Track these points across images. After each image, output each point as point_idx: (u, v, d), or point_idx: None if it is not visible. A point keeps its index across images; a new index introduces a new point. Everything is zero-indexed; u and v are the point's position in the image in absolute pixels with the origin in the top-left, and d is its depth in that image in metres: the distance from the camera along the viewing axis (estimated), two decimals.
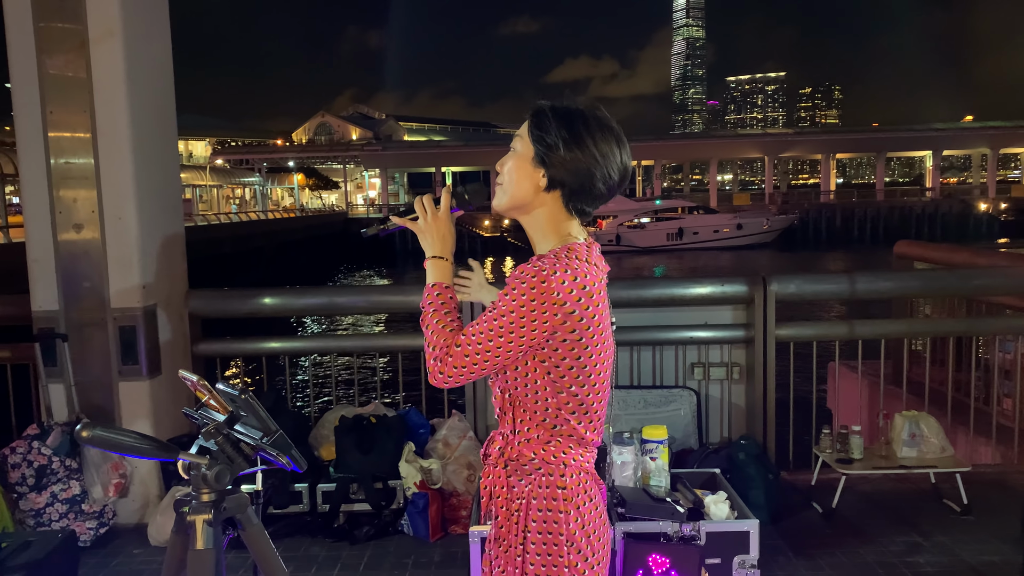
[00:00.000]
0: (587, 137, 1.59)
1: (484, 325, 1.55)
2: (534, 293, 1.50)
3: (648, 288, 4.58)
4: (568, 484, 1.58)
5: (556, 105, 1.62)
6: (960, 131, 63.93)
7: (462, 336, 1.58)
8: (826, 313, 17.71)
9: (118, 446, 1.43)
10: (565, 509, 1.57)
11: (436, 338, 1.61)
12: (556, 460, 1.59)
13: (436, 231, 1.72)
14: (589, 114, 1.61)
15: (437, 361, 1.59)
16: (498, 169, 1.69)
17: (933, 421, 4.17)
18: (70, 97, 3.86)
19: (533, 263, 1.54)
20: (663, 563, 2.74)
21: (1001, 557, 3.54)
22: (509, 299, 1.53)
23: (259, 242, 35.86)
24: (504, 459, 1.64)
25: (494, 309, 1.54)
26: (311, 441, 4.28)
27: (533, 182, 1.62)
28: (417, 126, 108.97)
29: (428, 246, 1.73)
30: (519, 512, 1.60)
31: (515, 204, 1.66)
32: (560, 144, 1.58)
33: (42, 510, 3.73)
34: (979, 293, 5.16)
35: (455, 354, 1.57)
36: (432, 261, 1.72)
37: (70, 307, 3.98)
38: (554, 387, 1.58)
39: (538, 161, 1.61)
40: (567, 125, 1.59)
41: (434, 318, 1.64)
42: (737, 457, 3.97)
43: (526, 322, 1.52)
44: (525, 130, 1.64)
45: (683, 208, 47.81)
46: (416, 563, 3.62)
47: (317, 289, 5.11)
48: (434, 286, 1.69)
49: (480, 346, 1.55)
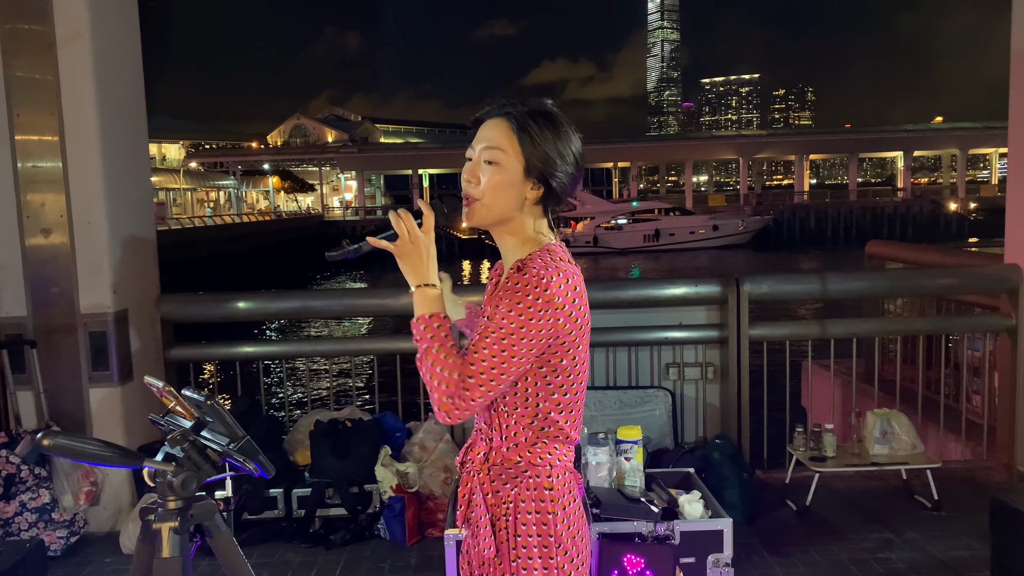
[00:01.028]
0: (567, 133, 1.55)
1: (493, 344, 1.46)
2: (539, 303, 1.46)
3: (623, 289, 4.61)
4: (555, 485, 1.56)
5: (534, 109, 1.55)
6: (930, 132, 64.85)
7: (471, 365, 1.47)
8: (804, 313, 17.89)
9: (81, 454, 1.41)
10: (553, 511, 1.55)
11: (445, 373, 1.48)
12: (543, 462, 1.57)
13: (419, 253, 1.54)
14: (557, 113, 1.57)
15: (453, 397, 1.47)
16: (470, 180, 1.57)
17: (904, 419, 4.23)
18: (37, 100, 3.81)
19: (529, 271, 1.48)
20: (638, 563, 2.76)
21: (970, 552, 3.59)
22: (514, 312, 1.46)
23: (234, 246, 35.56)
24: (488, 464, 1.60)
25: (498, 324, 1.47)
26: (286, 446, 4.25)
27: (522, 195, 1.56)
28: (393, 128, 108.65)
29: (411, 271, 1.55)
30: (507, 517, 1.57)
31: (500, 219, 1.58)
32: (556, 152, 1.54)
33: (11, 519, 3.67)
34: (948, 292, 5.24)
35: (471, 385, 1.47)
36: (420, 291, 1.55)
37: (38, 313, 3.93)
38: (547, 390, 1.55)
39: (532, 172, 1.54)
40: (549, 126, 1.54)
41: (439, 353, 1.50)
42: (712, 456, 4.00)
43: (534, 332, 1.47)
44: (503, 141, 1.54)
45: (660, 210, 48.09)
46: (393, 567, 3.61)
47: (291, 293, 5.08)
48: (431, 317, 1.53)
49: (495, 370, 1.47)
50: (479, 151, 1.57)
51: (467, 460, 1.66)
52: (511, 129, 1.53)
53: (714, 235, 45.82)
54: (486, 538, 1.58)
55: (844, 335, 4.81)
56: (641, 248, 44.47)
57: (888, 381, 5.28)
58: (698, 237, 45.57)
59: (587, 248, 42.91)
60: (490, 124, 1.57)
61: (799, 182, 63.61)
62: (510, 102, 1.57)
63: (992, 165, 71.82)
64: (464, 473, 1.66)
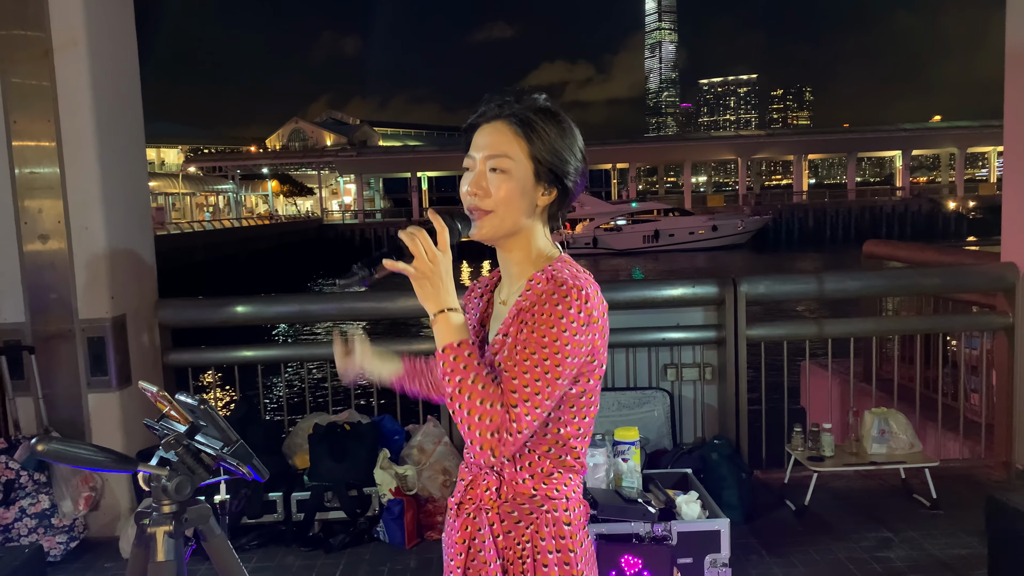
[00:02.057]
0: (574, 132, 1.46)
1: (535, 367, 1.34)
2: (581, 317, 1.35)
3: (620, 291, 4.61)
4: (572, 519, 1.45)
5: (534, 107, 1.44)
6: (929, 131, 64.87)
7: (513, 393, 1.33)
8: (804, 312, 17.90)
9: (75, 459, 1.41)
10: (572, 547, 1.43)
11: (487, 406, 1.33)
12: (559, 494, 1.44)
13: (439, 275, 1.38)
14: (561, 112, 1.47)
15: (498, 432, 1.33)
16: (476, 193, 1.43)
17: (902, 417, 4.24)
18: (34, 106, 3.82)
19: (566, 283, 1.36)
20: (635, 564, 2.76)
21: (969, 550, 3.60)
22: (556, 329, 1.34)
23: (233, 250, 35.59)
24: (499, 502, 1.45)
25: (539, 342, 1.34)
26: (285, 450, 4.25)
27: (533, 202, 1.45)
28: (392, 131, 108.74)
29: (431, 296, 1.39)
30: (523, 560, 1.43)
31: (512, 231, 1.46)
32: (566, 150, 1.44)
33: (10, 525, 3.67)
34: (945, 291, 5.24)
35: (517, 416, 1.33)
36: (442, 316, 1.38)
37: (37, 319, 3.93)
38: (570, 413, 1.43)
39: (542, 176, 1.43)
40: (554, 125, 1.44)
41: (476, 384, 1.34)
42: (710, 457, 4.01)
43: (576, 348, 1.36)
44: (509, 147, 1.42)
45: (659, 210, 48.12)
46: (392, 570, 3.61)
47: (289, 297, 5.09)
48: (460, 345, 1.37)
49: (540, 395, 1.34)
50: (481, 160, 1.44)
51: (467, 500, 1.49)
52: (514, 132, 1.42)
53: (713, 235, 45.84)
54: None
55: (841, 335, 4.82)
56: (641, 249, 44.48)
57: (886, 380, 5.29)
58: (697, 238, 45.59)
59: (587, 250, 42.92)
60: (488, 129, 1.44)
61: (798, 182, 63.66)
62: (504, 101, 1.45)
63: (991, 163, 71.86)
64: (462, 516, 1.49)
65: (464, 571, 1.47)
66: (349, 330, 1.72)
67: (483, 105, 1.47)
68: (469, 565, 1.46)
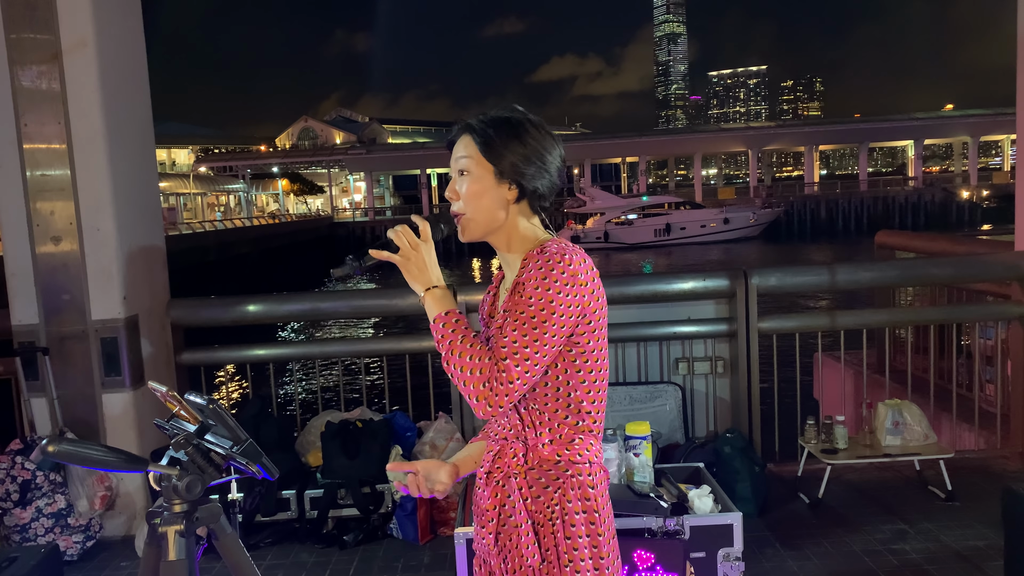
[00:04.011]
0: (531, 132, 1.58)
1: (523, 324, 1.46)
2: (564, 277, 1.46)
3: (631, 284, 4.59)
4: (596, 483, 1.54)
5: (486, 118, 1.60)
6: (941, 120, 64.35)
7: (503, 348, 1.46)
8: (816, 304, 17.81)
9: (85, 460, 1.42)
10: (598, 509, 1.53)
11: (475, 361, 1.47)
12: (582, 459, 1.54)
13: (420, 259, 1.58)
14: (518, 115, 1.60)
15: (486, 386, 1.45)
16: (451, 197, 1.62)
17: (916, 409, 4.21)
18: (44, 109, 3.84)
19: (548, 251, 1.50)
20: (648, 558, 2.75)
21: (985, 542, 3.57)
22: (540, 289, 1.46)
23: (244, 249, 35.70)
24: (526, 468, 1.54)
25: (525, 304, 1.46)
26: (298, 448, 4.27)
27: (501, 198, 1.58)
28: (401, 128, 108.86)
29: (416, 277, 1.59)
30: (553, 521, 1.52)
31: (489, 229, 1.61)
32: (517, 150, 1.56)
33: (27, 525, 3.71)
34: (958, 281, 5.20)
35: (506, 367, 1.45)
36: (429, 293, 1.58)
37: (50, 320, 3.96)
38: (577, 377, 1.53)
39: (502, 175, 1.57)
40: (508, 129, 1.57)
41: (464, 344, 1.50)
42: (723, 450, 3.99)
43: (563, 307, 1.47)
44: (470, 151, 1.58)
45: (670, 204, 47.95)
46: (406, 566, 3.62)
47: (300, 295, 5.10)
48: (447, 314, 1.55)
49: (528, 348, 1.45)
50: (453, 168, 1.62)
51: (495, 469, 1.58)
52: (472, 139, 1.58)
53: (725, 228, 45.66)
54: (528, 546, 1.52)
55: (854, 326, 4.79)
56: (652, 243, 44.37)
57: (900, 371, 5.26)
58: (709, 230, 45.42)
59: (598, 244, 42.85)
60: (458, 143, 1.62)
61: (809, 173, 63.34)
62: (472, 119, 1.62)
63: (1004, 151, 71.23)
64: (491, 484, 1.58)
65: (496, 535, 1.57)
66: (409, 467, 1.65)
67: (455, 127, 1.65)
68: (500, 530, 1.56)
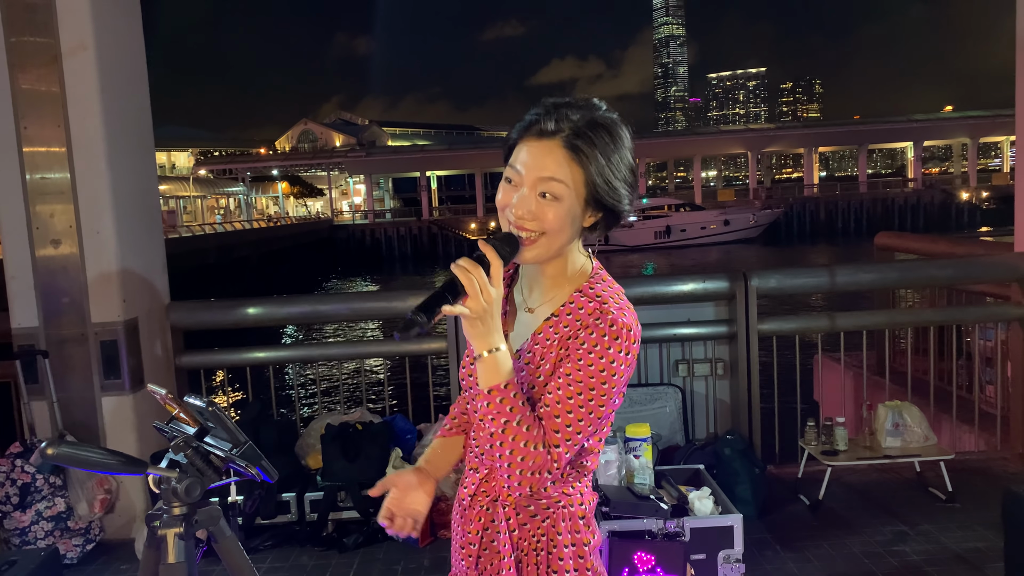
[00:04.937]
0: (627, 154, 1.37)
1: (579, 407, 1.33)
2: (627, 358, 1.35)
3: (631, 286, 4.59)
4: (586, 513, 1.47)
5: (580, 125, 1.33)
6: (940, 121, 64.29)
7: (556, 433, 1.33)
8: (816, 305, 17.82)
9: (85, 462, 1.42)
10: (587, 540, 1.46)
11: (530, 448, 1.32)
12: (575, 490, 1.45)
13: (492, 314, 1.32)
14: (614, 119, 1.37)
15: (538, 472, 1.34)
16: (524, 217, 1.35)
17: (916, 410, 4.21)
18: (44, 111, 3.84)
19: (616, 321, 1.33)
20: (648, 560, 2.75)
21: (985, 543, 3.57)
22: (605, 371, 1.33)
23: (244, 252, 35.72)
24: (515, 497, 1.44)
25: (586, 382, 1.33)
26: (297, 450, 4.27)
27: (578, 226, 1.39)
28: (401, 131, 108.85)
29: (481, 335, 1.32)
30: (539, 551, 1.43)
31: (555, 256, 1.41)
32: (619, 175, 1.36)
33: (27, 528, 3.70)
34: (958, 282, 5.20)
35: (558, 455, 1.33)
36: (491, 357, 1.33)
37: (50, 323, 3.96)
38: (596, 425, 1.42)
39: (591, 204, 1.37)
40: (614, 147, 1.35)
41: (521, 426, 1.32)
42: (723, 452, 3.99)
43: (619, 386, 1.36)
44: (564, 173, 1.33)
45: (670, 206, 47.96)
46: (406, 569, 3.62)
47: (300, 298, 5.10)
48: (507, 387, 1.33)
49: (581, 434, 1.34)
50: (530, 181, 1.35)
51: (480, 492, 1.48)
52: (569, 157, 1.33)
53: (725, 230, 45.67)
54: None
55: (854, 328, 4.79)
56: (652, 245, 44.37)
57: (900, 373, 5.26)
58: (709, 232, 45.43)
59: (598, 246, 42.74)
60: (539, 147, 1.34)
61: (808, 175, 63.33)
62: (560, 115, 1.34)
63: (1004, 153, 71.24)
64: (476, 508, 1.48)
65: (476, 561, 1.47)
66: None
67: (535, 115, 1.36)
68: (482, 554, 1.47)
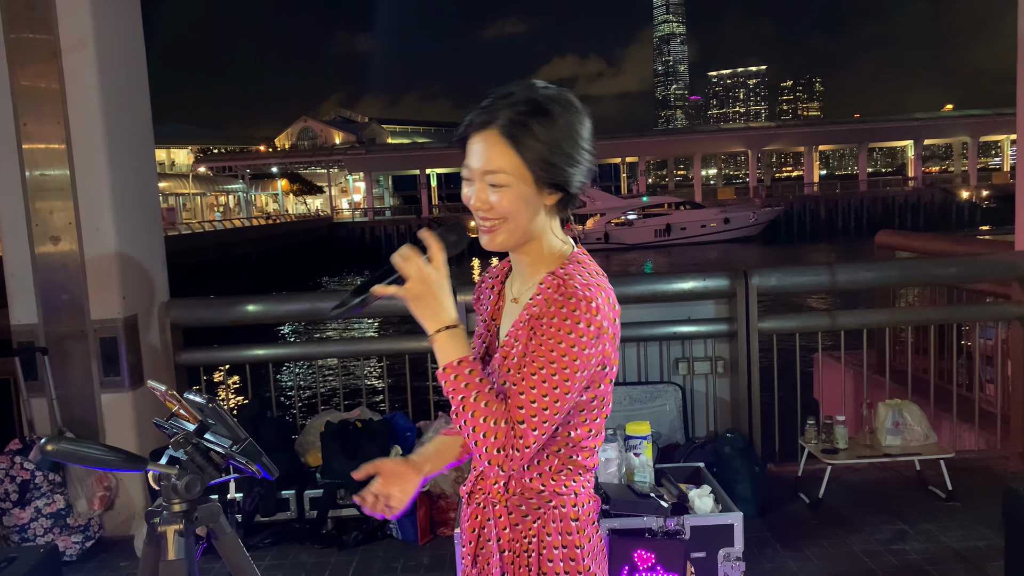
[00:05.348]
0: (569, 118, 1.35)
1: (542, 382, 1.31)
2: (591, 331, 1.32)
3: (631, 284, 4.59)
4: (580, 515, 1.44)
5: (515, 112, 1.33)
6: (940, 120, 64.28)
7: (520, 408, 1.32)
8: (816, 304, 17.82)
9: (85, 459, 1.42)
10: (579, 543, 1.43)
11: (491, 423, 1.32)
12: (567, 490, 1.44)
13: (433, 293, 1.35)
14: (551, 97, 1.35)
15: (504, 448, 1.32)
16: (480, 208, 1.38)
17: (916, 409, 4.21)
18: (43, 108, 3.83)
19: (575, 295, 1.31)
20: (648, 558, 2.75)
21: (986, 542, 3.57)
22: (564, 344, 1.31)
23: (244, 249, 35.70)
24: (507, 496, 1.44)
25: (547, 357, 1.31)
26: (297, 448, 4.26)
27: (539, 205, 1.39)
28: (400, 128, 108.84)
29: (428, 316, 1.36)
30: (529, 552, 1.43)
31: (528, 238, 1.42)
32: (560, 147, 1.34)
33: (26, 525, 3.70)
34: (958, 281, 5.20)
35: (523, 432, 1.31)
36: (442, 335, 1.36)
37: (49, 320, 3.95)
38: (580, 416, 1.41)
39: (544, 184, 1.36)
40: (546, 122, 1.33)
41: (479, 401, 1.33)
42: (723, 451, 3.99)
43: (585, 363, 1.33)
44: (505, 162, 1.34)
45: (670, 204, 47.94)
46: (405, 566, 3.62)
47: (299, 295, 5.09)
48: (460, 363, 1.35)
49: (547, 410, 1.31)
50: (479, 174, 1.37)
51: (477, 490, 1.50)
52: (506, 143, 1.34)
53: (725, 228, 45.65)
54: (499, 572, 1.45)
55: (854, 326, 4.78)
56: (652, 243, 44.35)
57: (900, 371, 5.25)
58: (709, 230, 45.41)
59: (598, 245, 42.83)
60: (480, 139, 1.36)
61: (809, 173, 63.32)
62: (493, 104, 1.36)
63: (1004, 152, 71.25)
64: (472, 505, 1.50)
65: (474, 558, 1.50)
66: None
67: (471, 113, 1.38)
68: (478, 553, 1.49)
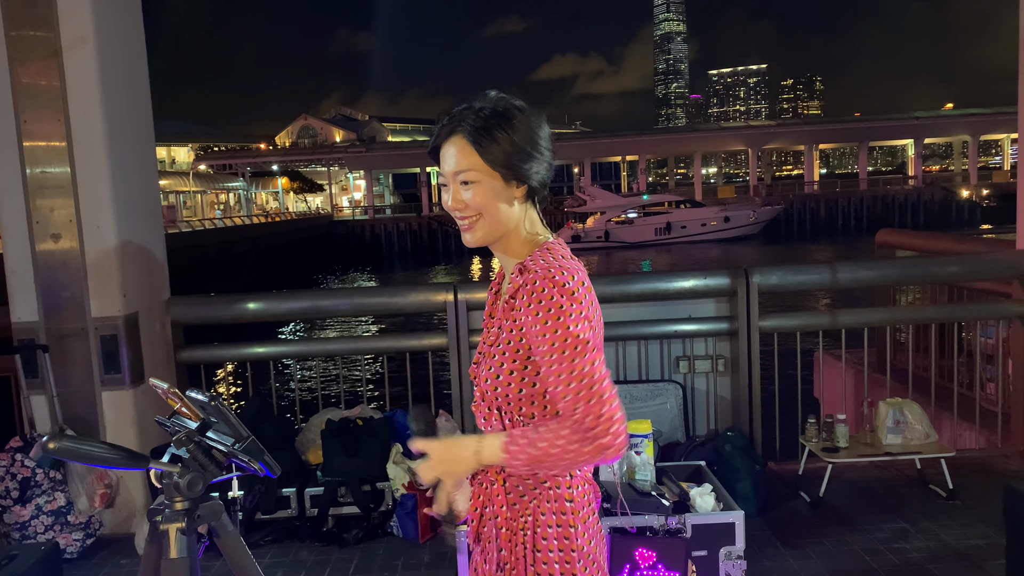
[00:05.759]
0: (525, 122, 1.48)
1: (568, 369, 1.40)
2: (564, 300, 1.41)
3: (632, 283, 4.59)
4: (575, 496, 1.51)
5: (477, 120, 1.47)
6: (941, 119, 64.20)
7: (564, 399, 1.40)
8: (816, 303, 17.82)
9: (86, 456, 1.41)
10: (574, 523, 1.50)
11: (568, 446, 1.40)
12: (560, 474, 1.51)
13: (452, 456, 1.49)
14: (504, 104, 1.49)
15: (591, 444, 1.40)
16: (457, 207, 1.51)
17: (917, 408, 4.20)
18: (44, 106, 3.83)
19: (535, 274, 1.44)
20: (649, 557, 2.75)
21: (986, 541, 3.57)
22: (551, 324, 1.40)
23: (244, 247, 35.67)
24: (503, 475, 1.53)
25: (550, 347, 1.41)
26: (298, 445, 4.26)
27: (509, 197, 1.51)
28: (401, 127, 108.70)
29: (464, 470, 1.50)
30: (525, 531, 1.50)
31: (505, 231, 1.53)
32: (519, 148, 1.47)
33: (27, 523, 3.70)
34: (959, 279, 5.20)
35: (584, 414, 1.40)
36: (478, 456, 1.48)
37: (50, 318, 3.95)
38: None
39: (511, 179, 1.49)
40: (506, 126, 1.47)
41: (542, 445, 1.41)
42: (724, 449, 3.99)
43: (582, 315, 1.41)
44: (472, 161, 1.47)
45: (670, 202, 47.92)
46: (406, 564, 3.62)
47: (300, 293, 5.10)
48: (508, 452, 1.45)
49: (585, 380, 1.40)
50: (452, 177, 1.51)
51: (480, 471, 1.57)
52: (471, 146, 1.48)
53: (726, 227, 45.64)
54: (501, 551, 1.53)
55: (855, 325, 4.78)
56: (653, 242, 44.35)
57: (901, 370, 5.25)
58: (710, 229, 45.40)
59: (599, 243, 42.83)
60: (448, 146, 1.51)
61: (809, 172, 63.30)
62: (454, 115, 1.50)
63: (1004, 151, 71.18)
64: (475, 486, 1.59)
65: (476, 535, 1.60)
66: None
67: (437, 125, 1.53)
68: (481, 531, 1.59)
